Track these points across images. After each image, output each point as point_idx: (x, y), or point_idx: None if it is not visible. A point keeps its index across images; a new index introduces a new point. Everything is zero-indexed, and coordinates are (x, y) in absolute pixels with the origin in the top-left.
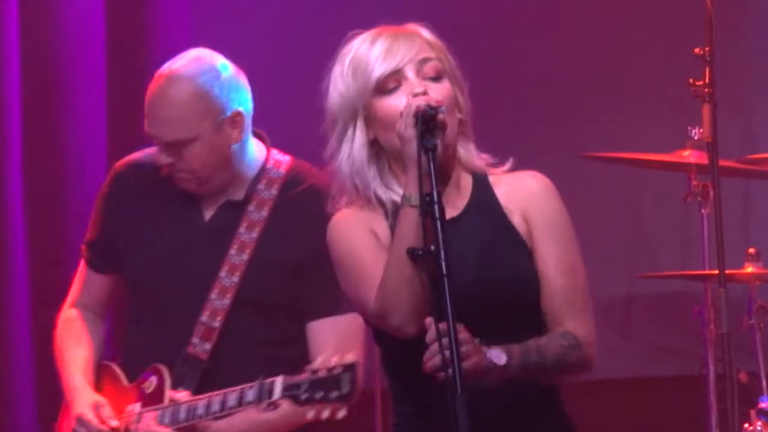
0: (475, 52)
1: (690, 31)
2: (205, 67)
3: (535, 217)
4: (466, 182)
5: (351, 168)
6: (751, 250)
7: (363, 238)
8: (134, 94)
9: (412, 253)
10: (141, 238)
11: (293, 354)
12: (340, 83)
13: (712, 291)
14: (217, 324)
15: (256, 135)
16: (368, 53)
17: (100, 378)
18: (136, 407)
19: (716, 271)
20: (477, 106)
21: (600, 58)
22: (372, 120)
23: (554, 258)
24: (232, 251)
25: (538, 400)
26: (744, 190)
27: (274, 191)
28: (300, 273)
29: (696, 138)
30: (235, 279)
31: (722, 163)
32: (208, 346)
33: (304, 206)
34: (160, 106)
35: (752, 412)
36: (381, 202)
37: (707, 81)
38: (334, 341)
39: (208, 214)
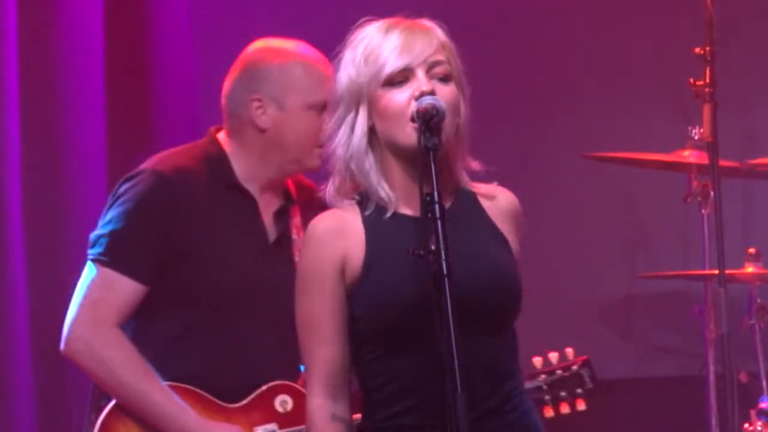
0: (474, 51)
1: (690, 31)
2: None
3: (510, 236)
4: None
5: (346, 153)
6: (751, 250)
7: (323, 294)
8: (134, 93)
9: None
10: (210, 248)
11: None
12: (351, 68)
13: (712, 291)
14: None
15: None
16: (383, 44)
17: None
18: (269, 428)
19: (716, 271)
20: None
21: (600, 58)
22: (373, 109)
23: None
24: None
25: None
26: (744, 191)
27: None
28: None
29: (696, 138)
30: None
31: (722, 163)
32: None
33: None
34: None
35: (752, 412)
36: (370, 192)
37: (707, 81)
38: None
39: (268, 222)
